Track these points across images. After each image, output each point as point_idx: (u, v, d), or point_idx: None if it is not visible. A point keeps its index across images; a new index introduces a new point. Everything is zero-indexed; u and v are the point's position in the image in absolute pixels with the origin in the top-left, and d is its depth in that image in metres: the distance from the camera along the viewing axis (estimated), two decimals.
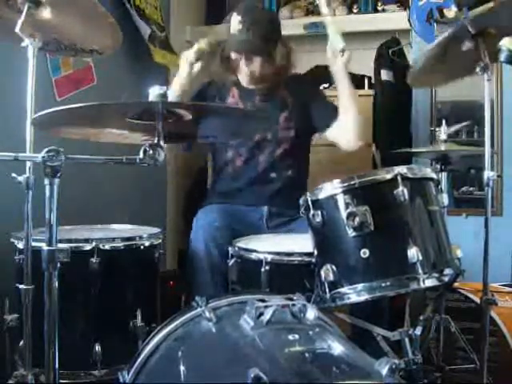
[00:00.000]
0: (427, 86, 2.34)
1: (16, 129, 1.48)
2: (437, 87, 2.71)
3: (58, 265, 1.08)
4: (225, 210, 1.98)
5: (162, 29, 2.85)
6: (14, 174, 1.36)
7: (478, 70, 1.57)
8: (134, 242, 1.65)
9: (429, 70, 1.80)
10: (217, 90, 2.15)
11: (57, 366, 1.09)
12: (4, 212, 1.79)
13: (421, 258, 1.21)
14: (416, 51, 2.80)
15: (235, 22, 1.97)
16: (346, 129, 2.02)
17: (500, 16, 1.60)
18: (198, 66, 2.01)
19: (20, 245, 1.56)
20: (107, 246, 1.58)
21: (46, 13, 1.47)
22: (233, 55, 2.04)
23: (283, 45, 2.08)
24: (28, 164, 1.39)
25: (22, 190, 1.36)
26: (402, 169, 1.28)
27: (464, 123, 2.69)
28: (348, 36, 3.21)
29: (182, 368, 0.98)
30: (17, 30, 1.39)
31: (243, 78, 2.09)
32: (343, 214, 1.26)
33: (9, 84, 1.80)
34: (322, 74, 3.20)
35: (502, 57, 1.47)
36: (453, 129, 2.15)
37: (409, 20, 2.78)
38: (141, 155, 1.13)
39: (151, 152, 1.13)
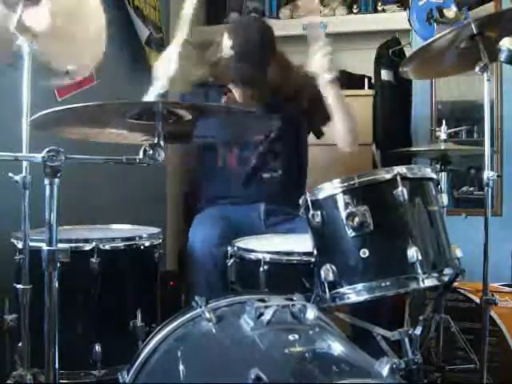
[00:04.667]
0: (420, 77, 2.33)
1: (16, 129, 1.48)
2: (423, 78, 2.69)
3: (58, 265, 1.08)
4: (221, 218, 1.97)
5: (159, 30, 2.85)
6: (10, 174, 1.36)
7: (477, 69, 1.57)
8: (134, 242, 1.64)
9: (424, 62, 1.80)
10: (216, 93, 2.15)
11: (57, 365, 1.09)
12: (4, 212, 1.79)
13: (420, 257, 1.21)
14: None
15: (226, 44, 1.90)
16: (341, 136, 2.04)
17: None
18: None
19: (20, 245, 1.55)
20: (107, 246, 1.58)
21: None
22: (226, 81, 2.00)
23: (279, 62, 2.02)
24: (24, 163, 1.39)
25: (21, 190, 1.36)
26: (401, 169, 1.28)
27: (464, 127, 2.70)
28: (348, 36, 3.24)
29: (181, 368, 0.98)
30: (12, 29, 1.38)
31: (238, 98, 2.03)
32: (343, 213, 1.26)
33: (6, 84, 1.80)
34: None
35: (502, 57, 1.48)
36: (452, 130, 2.16)
37: (409, 20, 2.78)
38: (141, 155, 1.13)
39: (151, 152, 1.13)
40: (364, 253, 1.24)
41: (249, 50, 1.87)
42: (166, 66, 1.75)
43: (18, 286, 1.35)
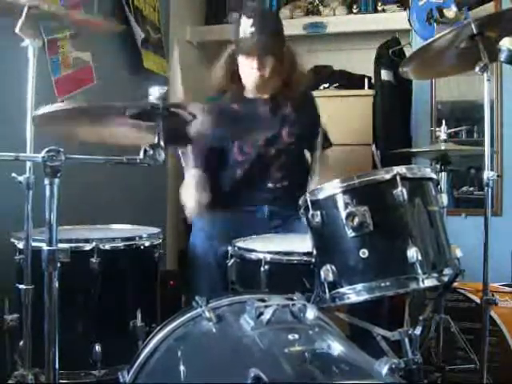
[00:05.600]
0: (420, 77, 2.33)
1: (16, 129, 1.48)
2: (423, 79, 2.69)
3: (58, 265, 1.08)
4: (223, 219, 1.98)
5: (157, 30, 2.85)
6: (14, 174, 1.36)
7: (477, 69, 1.57)
8: (133, 242, 1.65)
9: (424, 62, 1.80)
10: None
11: (57, 365, 1.09)
12: (4, 212, 1.79)
13: (420, 258, 1.21)
14: None
15: (246, 25, 1.94)
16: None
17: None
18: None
19: (20, 245, 1.56)
20: (107, 246, 1.58)
21: None
22: (243, 60, 2.01)
23: (289, 50, 2.10)
24: (28, 164, 1.39)
25: (22, 190, 1.36)
26: (401, 169, 1.27)
27: (464, 127, 2.70)
28: (348, 36, 3.24)
29: (182, 368, 0.98)
30: (17, 30, 1.39)
31: (250, 85, 2.06)
32: (342, 214, 1.26)
33: (9, 84, 1.80)
34: (322, 74, 3.22)
35: (502, 57, 1.48)
36: (452, 130, 2.16)
37: (409, 20, 2.78)
38: (141, 155, 1.13)
39: (151, 152, 1.13)
40: (364, 253, 1.24)
41: (267, 22, 2.01)
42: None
43: (21, 287, 1.35)
